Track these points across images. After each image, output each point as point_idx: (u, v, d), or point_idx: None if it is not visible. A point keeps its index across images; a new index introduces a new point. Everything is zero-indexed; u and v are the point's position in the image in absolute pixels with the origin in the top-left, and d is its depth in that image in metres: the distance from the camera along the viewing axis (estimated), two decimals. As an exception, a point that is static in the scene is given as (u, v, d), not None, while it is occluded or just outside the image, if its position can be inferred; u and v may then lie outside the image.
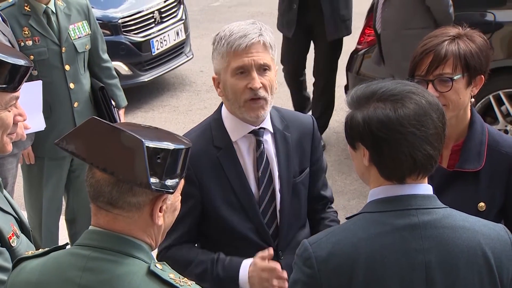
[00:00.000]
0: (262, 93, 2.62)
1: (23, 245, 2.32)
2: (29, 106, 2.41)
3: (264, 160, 2.74)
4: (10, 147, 2.37)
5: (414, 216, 1.98)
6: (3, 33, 3.86)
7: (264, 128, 2.75)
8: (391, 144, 1.95)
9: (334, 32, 6.09)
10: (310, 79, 6.64)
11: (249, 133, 2.73)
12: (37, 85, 3.68)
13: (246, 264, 2.67)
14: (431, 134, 1.98)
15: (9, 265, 2.22)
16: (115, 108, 4.50)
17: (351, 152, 2.10)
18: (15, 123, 2.36)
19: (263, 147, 2.74)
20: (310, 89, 6.68)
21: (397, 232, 1.97)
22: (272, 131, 2.77)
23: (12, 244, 2.27)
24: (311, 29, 6.16)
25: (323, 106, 6.43)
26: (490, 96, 5.68)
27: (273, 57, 2.67)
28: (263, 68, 2.62)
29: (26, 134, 2.73)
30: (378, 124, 1.96)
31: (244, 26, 2.63)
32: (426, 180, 2.05)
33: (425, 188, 2.03)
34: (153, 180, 1.81)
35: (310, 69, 6.58)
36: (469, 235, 1.99)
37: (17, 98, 2.33)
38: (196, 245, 2.86)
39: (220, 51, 2.64)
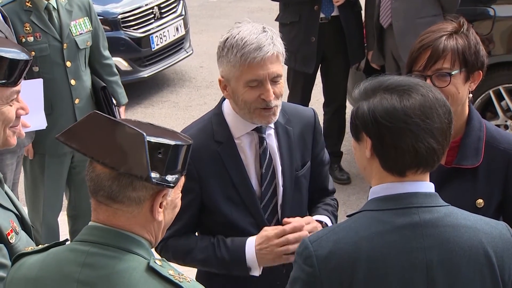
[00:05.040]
0: (274, 102, 2.62)
1: (23, 242, 2.31)
2: (30, 105, 2.41)
3: (268, 156, 2.74)
4: (14, 140, 2.37)
5: (416, 214, 1.97)
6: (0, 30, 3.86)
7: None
8: (395, 133, 1.95)
9: (358, 55, 5.82)
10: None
11: (251, 130, 2.73)
12: (38, 83, 3.66)
13: (251, 242, 2.67)
14: (436, 127, 1.96)
15: (7, 261, 2.22)
16: (116, 107, 4.50)
17: (354, 145, 2.09)
18: (18, 117, 2.36)
19: (266, 143, 2.74)
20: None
21: (398, 231, 1.96)
22: (273, 127, 2.77)
23: (11, 241, 2.27)
24: (322, 60, 5.80)
25: (337, 132, 6.06)
26: (490, 91, 5.69)
27: (283, 64, 2.67)
28: (275, 79, 2.62)
29: (26, 132, 2.73)
30: (383, 113, 1.96)
31: (256, 36, 2.57)
32: (427, 177, 2.03)
33: (427, 186, 2.02)
34: (153, 174, 1.81)
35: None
36: (471, 233, 1.98)
37: (18, 92, 2.33)
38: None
39: (231, 60, 2.59)
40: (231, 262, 2.67)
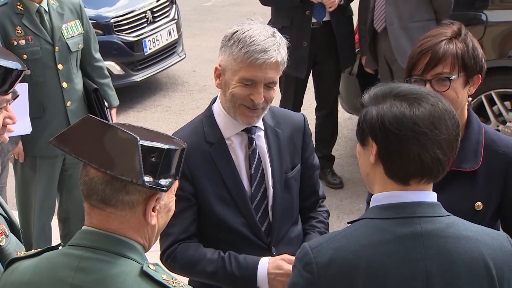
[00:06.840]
0: (261, 105, 2.65)
1: (12, 245, 2.31)
2: (14, 109, 2.40)
3: (257, 157, 2.75)
4: None
5: (417, 224, 1.95)
6: None
7: (256, 126, 2.76)
8: (402, 141, 1.93)
9: (349, 60, 5.87)
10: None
11: (241, 130, 2.74)
12: (23, 87, 3.61)
13: (263, 264, 2.68)
14: (443, 139, 1.95)
15: None
16: (107, 109, 4.50)
17: (359, 150, 2.08)
18: (4, 125, 2.35)
19: (255, 144, 2.75)
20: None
21: (399, 240, 1.94)
22: (263, 128, 2.78)
23: (0, 243, 2.26)
24: (314, 64, 5.82)
25: (330, 136, 6.09)
26: (482, 96, 5.71)
27: (281, 72, 2.68)
28: (269, 85, 2.64)
29: (10, 137, 2.71)
30: (392, 119, 1.94)
31: (265, 38, 2.59)
32: (431, 186, 2.02)
33: (430, 196, 2.01)
34: (147, 178, 1.81)
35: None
36: (472, 245, 1.97)
37: (7, 101, 2.33)
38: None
39: (233, 53, 2.61)
40: (241, 278, 2.68)
